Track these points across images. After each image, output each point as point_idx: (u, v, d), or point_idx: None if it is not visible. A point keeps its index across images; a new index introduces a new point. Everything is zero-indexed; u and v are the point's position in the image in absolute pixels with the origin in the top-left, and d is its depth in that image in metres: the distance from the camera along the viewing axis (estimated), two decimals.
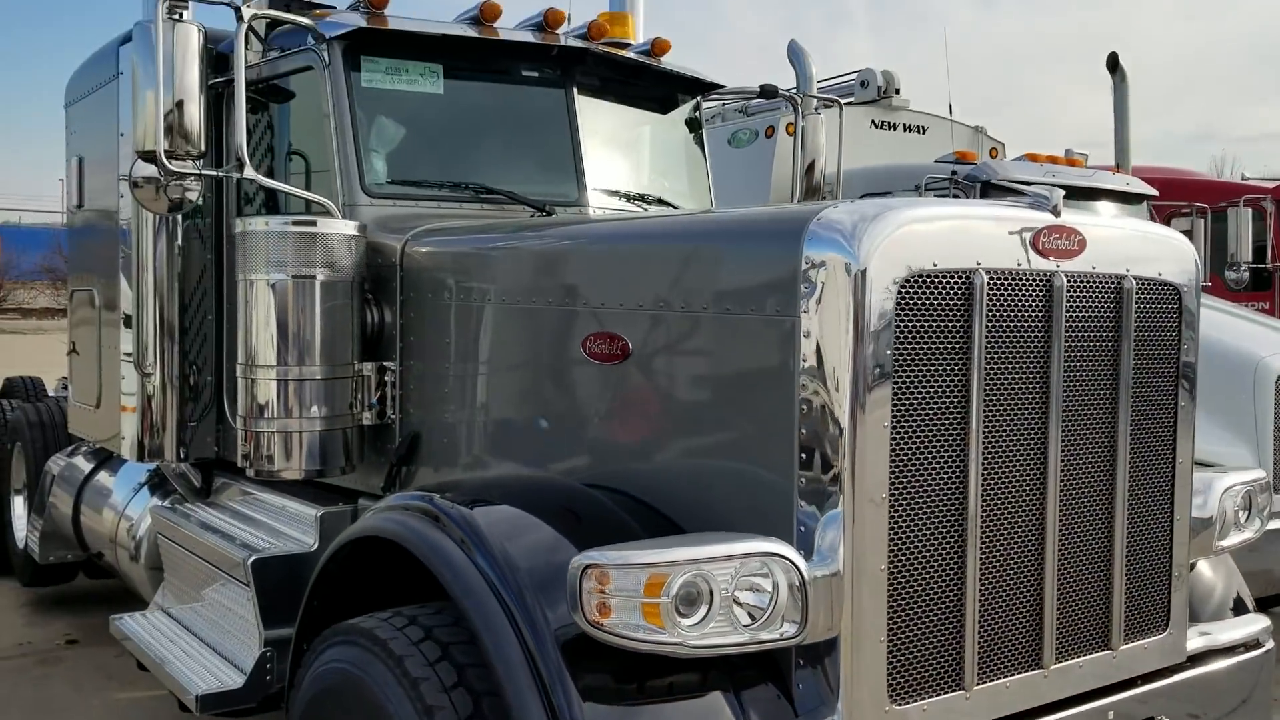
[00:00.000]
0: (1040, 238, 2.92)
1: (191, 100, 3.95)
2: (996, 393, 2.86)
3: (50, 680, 6.01)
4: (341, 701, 2.94)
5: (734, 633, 2.51)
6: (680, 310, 3.05)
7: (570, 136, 4.71)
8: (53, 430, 7.21)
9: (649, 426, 3.18)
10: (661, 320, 3.11)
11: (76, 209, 6.15)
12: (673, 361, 3.11)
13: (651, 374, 3.16)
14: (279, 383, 4.00)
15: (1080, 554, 3.10)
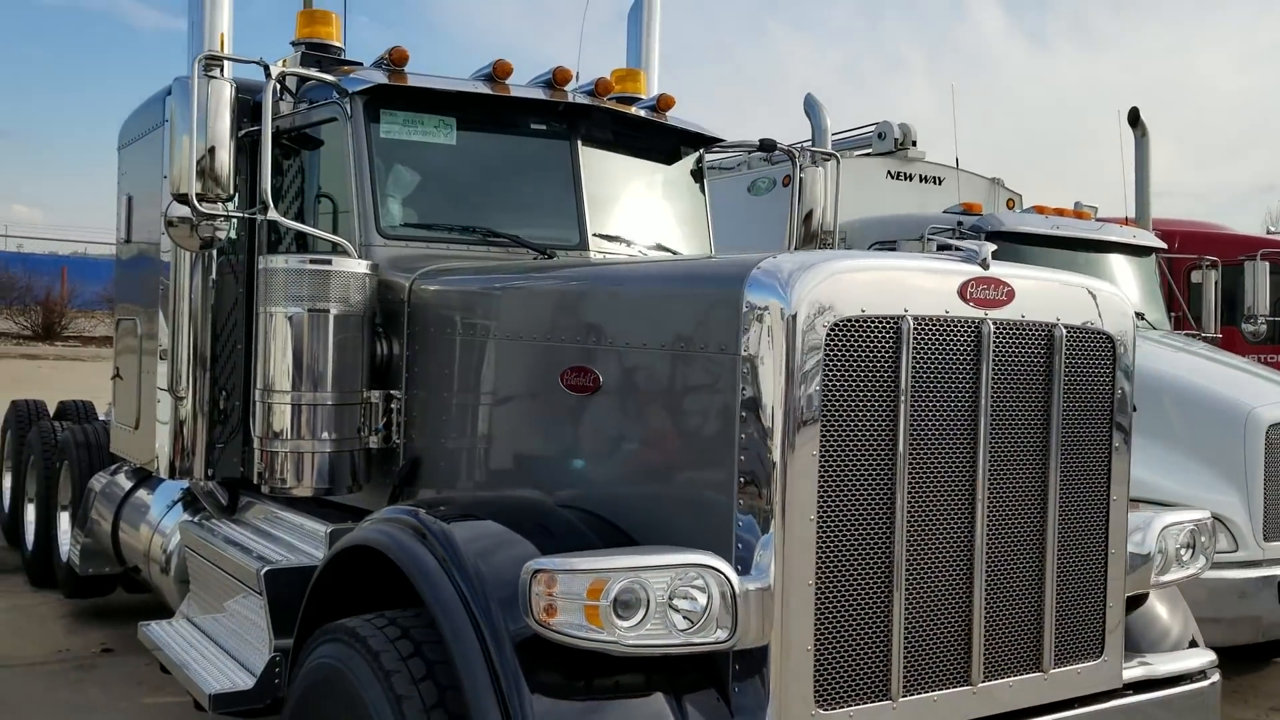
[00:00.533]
0: (968, 288, 3.21)
1: (222, 148, 4.36)
2: (923, 430, 3.13)
3: (85, 685, 6.39)
4: (328, 693, 3.25)
5: (669, 635, 2.79)
6: (642, 346, 3.37)
7: (573, 185, 5.06)
8: (97, 450, 7.65)
9: (616, 452, 3.49)
10: (627, 355, 3.43)
11: (124, 243, 6.62)
12: (636, 393, 3.43)
13: (618, 404, 3.48)
14: (293, 407, 4.37)
15: (1010, 580, 3.35)
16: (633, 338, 3.41)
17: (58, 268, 39.40)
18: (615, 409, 3.49)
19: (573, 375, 3.62)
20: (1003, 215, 8.13)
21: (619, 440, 3.49)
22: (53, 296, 35.14)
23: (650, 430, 3.39)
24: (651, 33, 6.77)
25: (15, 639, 7.18)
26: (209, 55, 4.43)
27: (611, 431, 3.52)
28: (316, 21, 5.23)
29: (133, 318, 6.30)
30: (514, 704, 2.77)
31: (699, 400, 3.18)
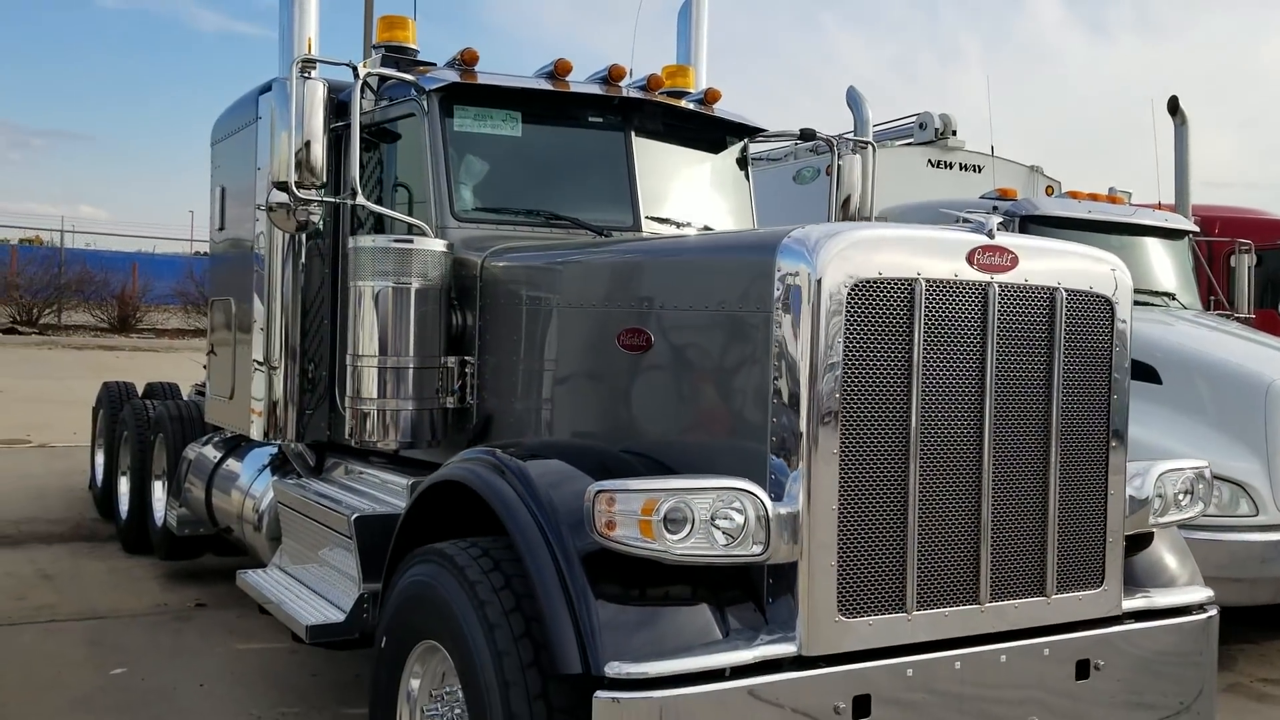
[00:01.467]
0: (975, 254, 3.64)
1: (316, 141, 4.91)
2: (935, 377, 3.58)
3: (183, 633, 7.01)
4: (420, 605, 3.78)
5: (711, 548, 3.27)
6: (689, 309, 3.86)
7: (627, 172, 5.56)
8: (190, 423, 8.29)
9: (665, 402, 3.98)
10: (675, 317, 3.93)
11: (218, 231, 7.23)
12: (683, 350, 3.91)
13: (667, 361, 3.97)
14: (380, 370, 4.91)
15: (1015, 511, 3.78)
16: (680, 301, 3.90)
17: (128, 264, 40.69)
18: (665, 365, 3.98)
19: (627, 336, 4.11)
20: (1037, 200, 8.48)
21: (668, 392, 3.99)
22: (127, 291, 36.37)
23: (695, 383, 3.87)
24: (700, 30, 7.25)
25: (117, 595, 7.84)
26: (305, 58, 4.99)
27: (661, 385, 4.01)
28: (395, 27, 5.77)
29: (226, 297, 6.91)
30: (581, 609, 3.26)
31: (738, 355, 3.66)
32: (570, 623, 3.23)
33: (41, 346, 30.56)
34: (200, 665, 6.37)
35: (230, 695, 5.91)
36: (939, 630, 3.62)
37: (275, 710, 5.71)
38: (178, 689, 5.97)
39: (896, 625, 3.54)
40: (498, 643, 3.36)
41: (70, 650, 6.57)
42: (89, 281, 35.89)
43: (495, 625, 3.39)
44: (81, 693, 5.88)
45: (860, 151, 6.57)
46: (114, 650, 6.58)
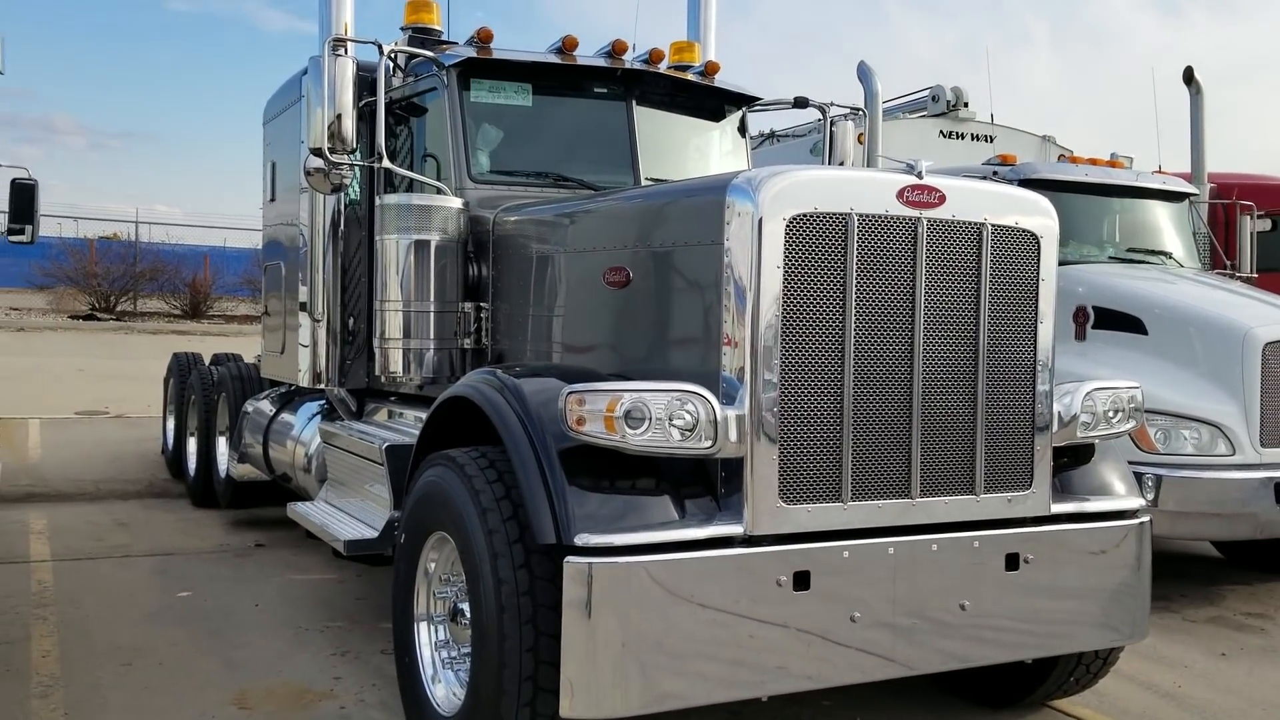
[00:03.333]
0: (905, 192, 4.17)
1: (347, 114, 5.56)
2: (869, 298, 4.11)
3: (243, 566, 7.77)
4: (431, 501, 4.41)
5: (666, 442, 3.85)
6: (659, 246, 4.44)
7: (629, 137, 6.14)
8: (249, 382, 9.06)
9: (642, 328, 4.58)
10: (649, 254, 4.51)
11: (269, 204, 7.96)
12: (655, 282, 4.50)
13: (643, 292, 4.56)
14: (404, 314, 5.57)
15: (945, 420, 4.30)
16: (652, 240, 4.49)
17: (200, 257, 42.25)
18: (641, 296, 4.57)
19: (611, 274, 4.71)
20: (1035, 164, 8.89)
21: (645, 319, 4.57)
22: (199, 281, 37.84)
23: (665, 309, 4.45)
24: (709, 7, 7.79)
25: (184, 538, 8.63)
26: (335, 38, 5.65)
27: (639, 313, 4.60)
28: (420, 10, 6.42)
29: (277, 261, 7.63)
30: (556, 490, 3.85)
31: (697, 282, 4.23)
32: (546, 502, 3.84)
33: (118, 331, 32.03)
34: (256, 591, 7.11)
35: (281, 614, 6.62)
36: (872, 519, 4.16)
37: (320, 624, 6.40)
38: (235, 608, 6.70)
39: (833, 513, 4.09)
40: (489, 523, 3.98)
41: (142, 578, 7.35)
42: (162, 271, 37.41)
43: (487, 509, 4.01)
44: (151, 610, 6.64)
45: (853, 118, 7.08)
46: (180, 579, 7.35)
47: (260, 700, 5.20)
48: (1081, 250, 8.52)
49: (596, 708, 3.73)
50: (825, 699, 5.31)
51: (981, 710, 5.34)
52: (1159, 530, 7.23)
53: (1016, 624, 4.46)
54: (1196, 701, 5.61)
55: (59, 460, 11.90)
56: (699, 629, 3.81)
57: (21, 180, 9.34)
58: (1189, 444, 7.08)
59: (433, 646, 4.57)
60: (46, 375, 19.26)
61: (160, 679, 5.45)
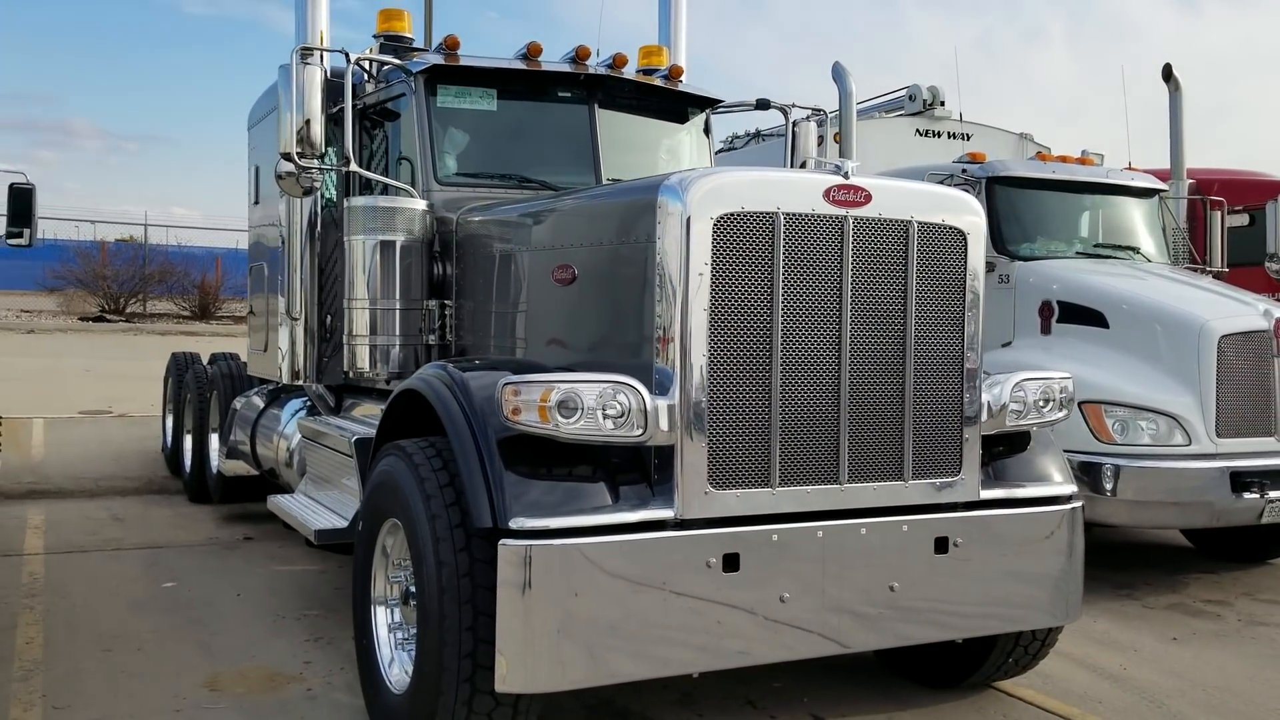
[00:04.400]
0: (831, 191, 4.36)
1: (315, 119, 5.78)
2: (797, 294, 4.30)
3: (230, 558, 8.01)
4: (383, 490, 4.62)
5: (598, 430, 4.06)
6: (600, 244, 4.65)
7: (591, 140, 6.35)
8: (238, 380, 9.32)
9: (585, 322, 4.79)
10: (591, 252, 4.72)
11: (254, 207, 8.20)
12: (596, 279, 4.71)
13: (586, 288, 4.77)
14: (371, 312, 5.79)
15: (873, 410, 4.49)
16: (593, 238, 4.70)
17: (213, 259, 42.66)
18: (584, 292, 4.78)
19: (559, 271, 4.92)
20: (1005, 162, 9.05)
21: (588, 315, 4.79)
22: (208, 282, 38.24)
23: (606, 305, 4.67)
24: (679, 12, 7.99)
25: (176, 532, 8.88)
26: (304, 47, 5.87)
27: (583, 309, 4.82)
28: (392, 19, 6.63)
29: (261, 262, 7.87)
30: (493, 476, 4.06)
31: (633, 279, 4.43)
32: (484, 487, 4.05)
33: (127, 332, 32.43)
34: (240, 581, 7.35)
35: (262, 602, 6.86)
36: (801, 504, 4.36)
37: (298, 612, 6.64)
38: (218, 598, 6.94)
39: (761, 498, 4.29)
40: (432, 509, 4.19)
41: (130, 570, 7.60)
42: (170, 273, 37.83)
43: (431, 496, 4.22)
44: (137, 599, 6.88)
45: (815, 119, 7.27)
46: (167, 570, 7.60)
47: (231, 683, 5.43)
48: (1049, 246, 8.69)
49: (530, 682, 3.94)
50: (775, 680, 5.51)
51: (926, 691, 5.52)
52: (1118, 519, 7.45)
53: (946, 605, 4.65)
54: (1139, 682, 5.78)
55: (62, 458, 12.18)
56: (630, 608, 4.01)
57: (19, 185, 9.58)
58: (1146, 434, 7.24)
59: (389, 628, 4.79)
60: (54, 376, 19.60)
61: (138, 664, 5.68)
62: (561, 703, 4.98)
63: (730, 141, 12.74)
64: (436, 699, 4.09)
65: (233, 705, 5.15)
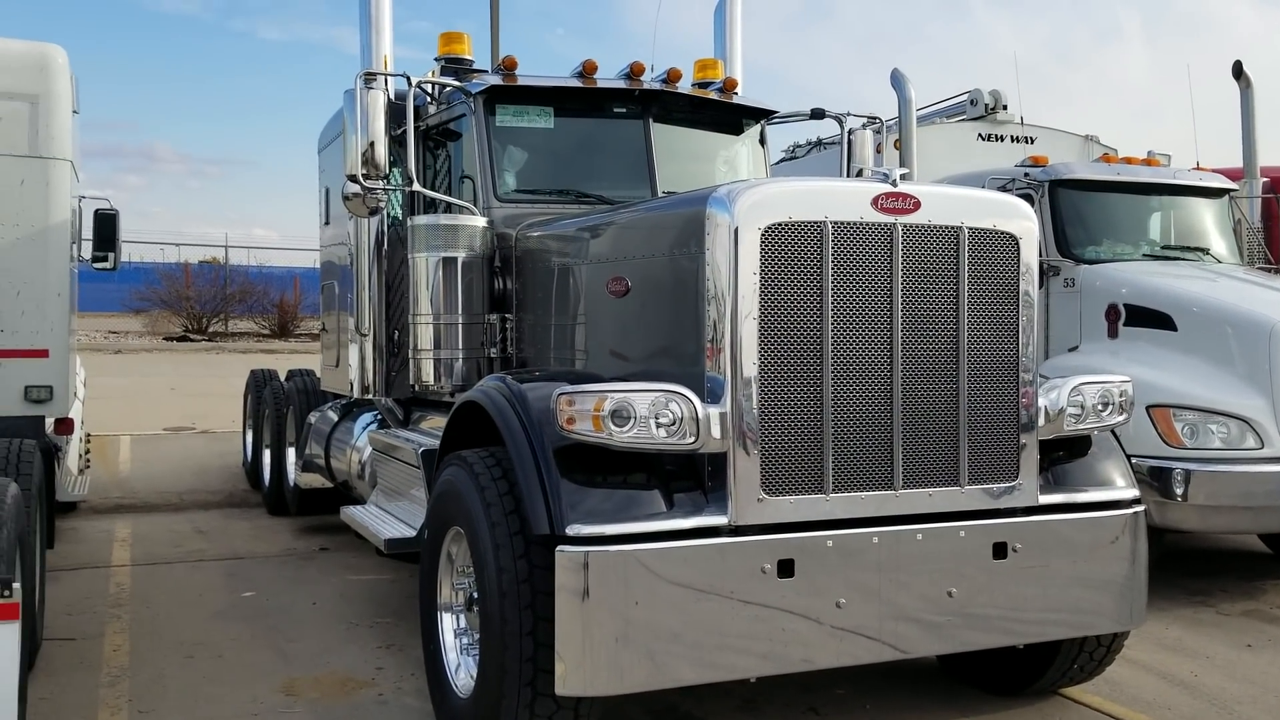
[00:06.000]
0: (880, 200, 4.41)
1: (379, 142, 5.96)
2: (847, 300, 4.35)
3: (304, 568, 8.24)
4: (447, 499, 4.76)
5: (651, 439, 4.14)
6: (652, 256, 4.75)
7: (646, 154, 6.45)
8: (313, 395, 9.58)
9: (638, 333, 4.88)
10: (643, 264, 4.82)
11: (324, 227, 8.45)
12: (649, 290, 4.80)
13: (640, 300, 4.86)
14: (435, 326, 5.95)
15: (927, 415, 4.51)
16: (646, 250, 4.80)
17: (291, 278, 43.66)
18: (638, 304, 4.88)
19: (614, 284, 5.03)
20: (1068, 165, 8.95)
21: (642, 325, 4.88)
22: (286, 301, 39.16)
23: (659, 315, 4.75)
24: (734, 26, 8.07)
25: (256, 543, 9.15)
26: (367, 72, 6.07)
27: (636, 319, 4.91)
28: (452, 42, 6.81)
29: (331, 281, 8.10)
30: (550, 485, 4.17)
31: (683, 290, 4.52)
32: (541, 496, 4.16)
33: (210, 351, 33.34)
34: (315, 591, 7.56)
35: (336, 610, 7.06)
36: (855, 510, 4.39)
37: (370, 620, 6.82)
38: (294, 606, 7.16)
39: (815, 504, 4.34)
40: (492, 517, 4.31)
41: (211, 580, 7.86)
42: (250, 293, 38.81)
43: (491, 504, 4.34)
44: (217, 608, 7.12)
45: (871, 127, 7.29)
46: (246, 580, 7.84)
47: (307, 688, 5.61)
48: (1115, 249, 8.59)
49: (590, 685, 4.03)
50: (838, 687, 5.54)
51: (991, 698, 5.50)
52: (1189, 524, 7.33)
53: (1006, 610, 4.64)
54: (1210, 690, 5.69)
55: (147, 473, 12.60)
56: (686, 613, 4.08)
57: (104, 211, 9.99)
58: (1216, 438, 7.12)
59: (455, 633, 4.92)
60: (140, 394, 20.23)
61: (218, 670, 5.90)
62: (624, 709, 5.08)
63: (792, 150, 12.77)
64: (499, 702, 4.21)
65: (308, 709, 5.32)
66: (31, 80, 7.40)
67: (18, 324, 7.37)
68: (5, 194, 7.31)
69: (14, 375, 7.31)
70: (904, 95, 8.34)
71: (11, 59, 7.36)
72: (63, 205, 7.63)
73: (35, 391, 7.41)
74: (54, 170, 7.50)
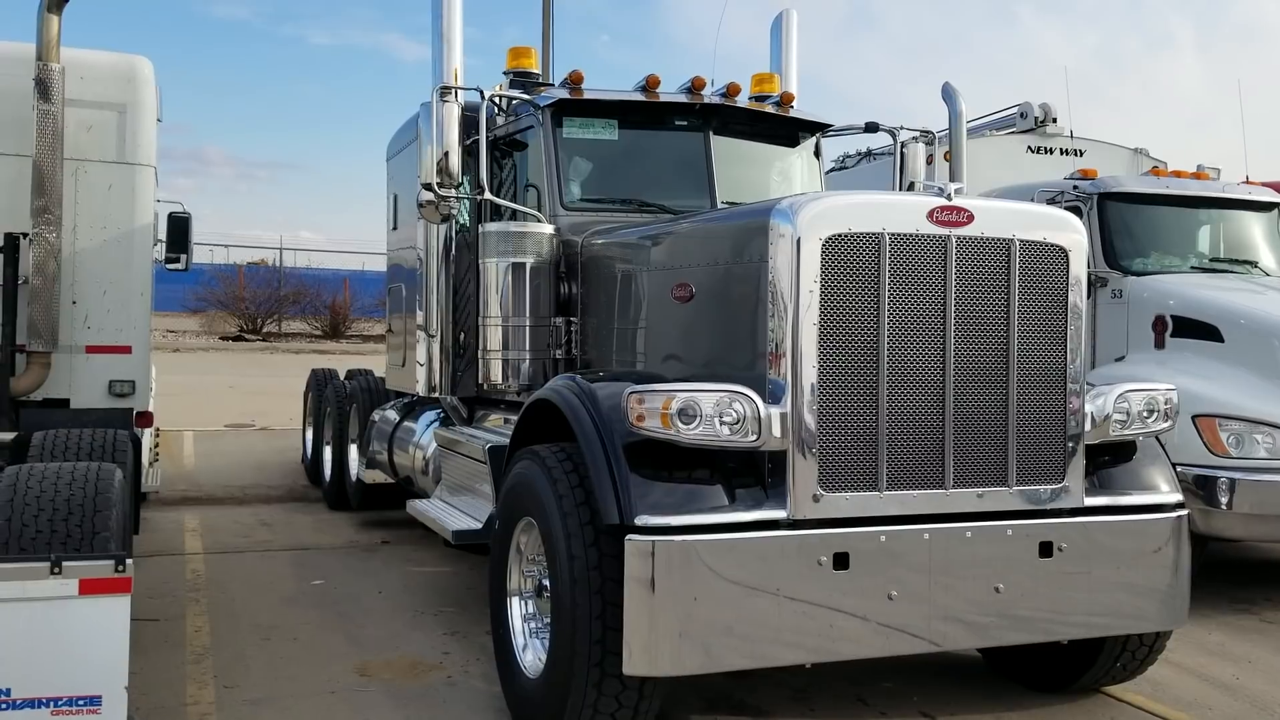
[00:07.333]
0: (935, 212, 4.63)
1: (453, 152, 6.27)
2: (902, 308, 4.58)
3: (369, 559, 8.58)
4: (518, 491, 5.04)
5: (715, 436, 4.40)
6: (716, 264, 5.01)
7: (706, 165, 6.72)
8: (376, 394, 9.94)
9: (702, 337, 5.14)
10: (708, 271, 5.08)
11: (392, 232, 8.79)
12: (713, 296, 5.06)
13: (704, 305, 5.13)
14: (503, 328, 6.25)
15: (978, 417, 4.72)
16: (710, 259, 5.06)
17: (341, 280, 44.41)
18: (702, 309, 5.14)
19: (678, 290, 5.29)
20: (1116, 178, 9.10)
21: (705, 329, 5.14)
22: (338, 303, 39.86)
23: (722, 320, 5.01)
24: (790, 40, 8.31)
25: (319, 536, 9.51)
26: (443, 87, 6.37)
27: (699, 324, 5.17)
28: (520, 56, 7.12)
29: (399, 283, 8.44)
30: (620, 477, 4.42)
31: (747, 296, 4.77)
32: (611, 488, 4.42)
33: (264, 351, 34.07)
34: (380, 580, 7.89)
35: (400, 599, 7.37)
36: (907, 507, 4.62)
37: (435, 609, 7.13)
38: (361, 595, 7.48)
39: (870, 501, 4.57)
40: (564, 507, 4.58)
41: (281, 569, 8.21)
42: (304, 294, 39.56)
43: (563, 495, 4.61)
44: (288, 594, 7.47)
45: (923, 140, 7.50)
46: (314, 569, 8.19)
47: (379, 670, 5.91)
48: (1163, 261, 8.71)
49: (653, 666, 4.29)
50: (886, 680, 5.75)
51: (1034, 694, 5.69)
52: (1234, 532, 7.47)
53: (1050, 608, 4.84)
54: (1251, 692, 5.84)
55: (211, 468, 13.04)
56: (745, 601, 4.33)
57: (177, 214, 10.43)
58: (1262, 448, 7.25)
59: (523, 618, 5.19)
60: (200, 391, 20.77)
61: (295, 651, 6.22)
62: (681, 696, 5.33)
63: (842, 161, 12.97)
64: (569, 681, 4.48)
65: (382, 690, 5.62)
66: (120, 90, 7.80)
67: (104, 321, 7.77)
68: (94, 198, 7.72)
69: (101, 370, 7.71)
70: (955, 109, 8.52)
71: (103, 70, 7.76)
72: (146, 209, 8.04)
73: (119, 385, 7.80)
74: (139, 176, 7.90)
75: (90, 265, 7.72)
